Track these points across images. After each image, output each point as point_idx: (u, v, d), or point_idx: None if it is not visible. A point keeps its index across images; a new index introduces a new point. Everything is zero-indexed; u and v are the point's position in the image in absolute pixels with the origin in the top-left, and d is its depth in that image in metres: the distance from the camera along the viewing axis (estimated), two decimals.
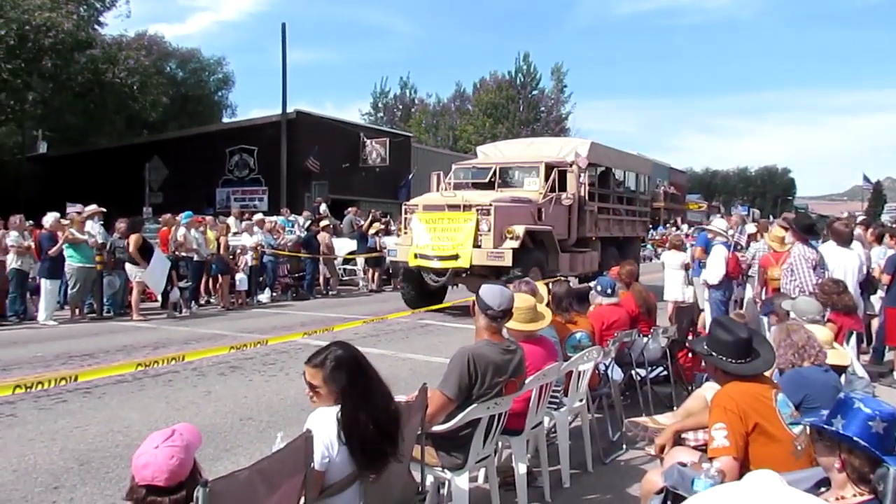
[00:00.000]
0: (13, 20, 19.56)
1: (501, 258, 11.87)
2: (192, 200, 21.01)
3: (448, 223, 12.45)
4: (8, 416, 5.97)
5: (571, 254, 14.22)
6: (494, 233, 12.08)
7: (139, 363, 3.62)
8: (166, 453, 2.12)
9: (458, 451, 3.51)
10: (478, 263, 12.07)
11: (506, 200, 12.80)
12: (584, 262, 14.70)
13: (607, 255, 15.53)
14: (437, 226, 12.53)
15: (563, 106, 50.96)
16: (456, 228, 12.31)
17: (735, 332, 3.28)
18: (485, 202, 12.38)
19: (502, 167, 14.56)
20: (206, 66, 42.00)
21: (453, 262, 12.08)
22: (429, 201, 13.46)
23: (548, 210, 13.39)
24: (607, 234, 15.94)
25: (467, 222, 12.21)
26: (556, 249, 13.37)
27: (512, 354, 3.67)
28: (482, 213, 12.24)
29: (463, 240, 12.12)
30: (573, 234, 14.38)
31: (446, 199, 13.01)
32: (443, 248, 12.27)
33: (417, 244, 12.59)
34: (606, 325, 6.06)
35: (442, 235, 12.41)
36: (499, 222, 12.13)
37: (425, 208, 13.09)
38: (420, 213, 12.94)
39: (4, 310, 11.74)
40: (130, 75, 23.14)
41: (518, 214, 12.68)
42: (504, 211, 12.40)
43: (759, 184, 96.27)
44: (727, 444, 2.98)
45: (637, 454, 5.23)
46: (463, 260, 12.01)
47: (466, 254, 11.99)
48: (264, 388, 7.15)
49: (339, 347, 2.83)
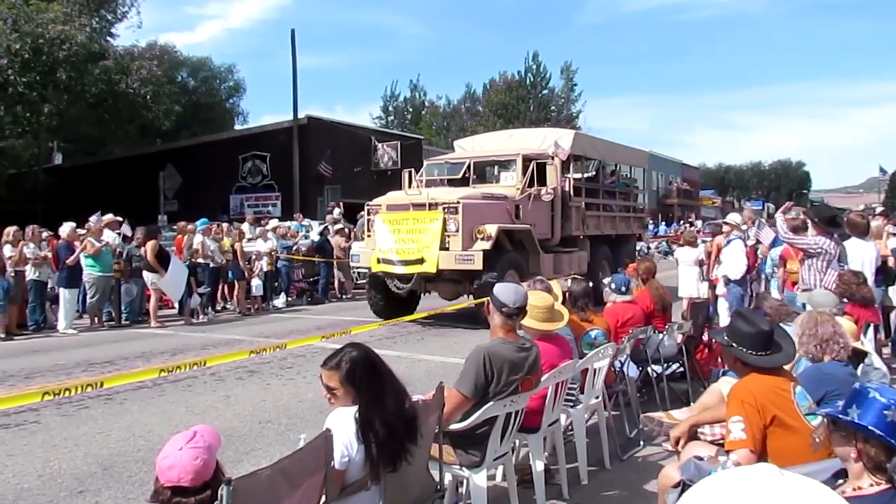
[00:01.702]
0: (28, 34, 19.79)
1: (471, 261, 10.77)
2: (207, 207, 21.18)
3: (413, 224, 11.32)
4: (32, 422, 6.06)
5: (555, 254, 13.05)
6: (463, 233, 10.99)
7: (162, 369, 3.68)
8: (191, 454, 2.16)
9: (476, 449, 3.54)
10: (445, 268, 10.99)
11: (476, 197, 11.75)
12: (571, 264, 13.31)
13: (598, 256, 14.51)
14: (402, 227, 11.41)
15: (574, 104, 50.88)
16: (421, 229, 11.18)
17: (756, 324, 3.27)
18: (452, 199, 11.26)
19: (477, 161, 13.50)
20: (217, 74, 42.29)
21: (418, 266, 10.99)
22: (392, 200, 12.25)
23: (526, 207, 12.27)
24: (598, 233, 14.71)
25: (433, 222, 11.09)
26: (537, 250, 12.26)
27: (527, 352, 3.70)
28: (449, 212, 11.12)
29: (429, 242, 11.01)
30: (557, 233, 13.30)
31: (411, 198, 11.82)
32: (407, 252, 11.14)
33: (380, 248, 11.46)
34: (621, 323, 6.08)
35: (406, 237, 11.28)
36: (468, 221, 11.05)
37: (389, 208, 11.96)
38: (383, 214, 11.81)
39: (25, 319, 11.90)
40: (143, 85, 23.32)
41: (491, 212, 11.61)
42: (474, 209, 11.30)
43: (774, 178, 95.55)
44: (744, 437, 2.98)
45: (654, 450, 5.24)
46: (428, 264, 10.90)
47: (432, 257, 10.87)
48: (282, 392, 7.21)
49: (354, 349, 2.87)
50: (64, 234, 12.21)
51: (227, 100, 43.26)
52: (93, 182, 28.37)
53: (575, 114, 50.31)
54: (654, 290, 7.02)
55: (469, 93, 53.90)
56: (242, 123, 42.67)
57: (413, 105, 54.88)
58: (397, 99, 54.99)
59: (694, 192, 60.88)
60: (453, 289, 11.84)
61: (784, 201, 9.64)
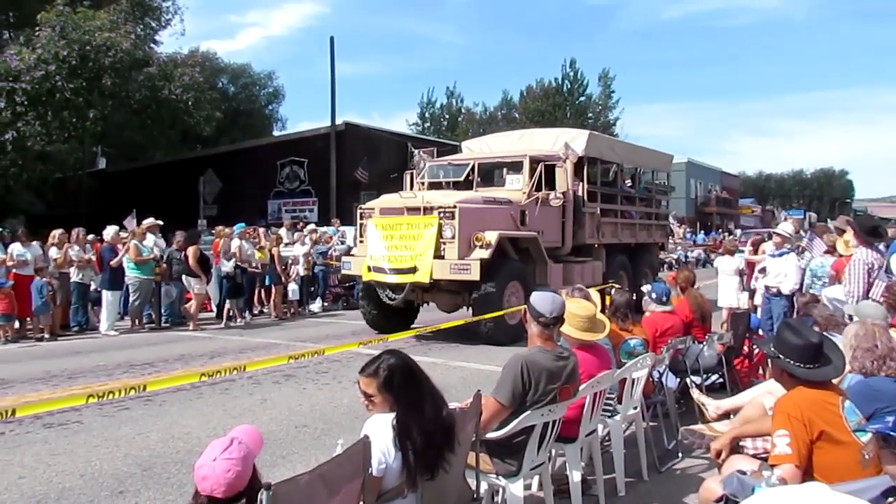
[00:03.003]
0: (75, 41, 20.30)
1: (467, 271, 9.93)
2: (245, 212, 21.46)
3: (407, 229, 10.49)
4: (75, 422, 6.19)
5: (566, 264, 12.08)
6: (460, 240, 10.16)
7: (203, 373, 3.72)
8: (223, 466, 2.16)
9: (513, 458, 3.51)
10: (440, 277, 10.18)
11: (476, 201, 10.88)
12: (584, 274, 12.22)
13: (614, 265, 13.52)
14: (395, 233, 10.56)
15: (611, 112, 50.59)
16: (415, 235, 10.34)
17: (805, 336, 3.19)
18: (448, 203, 10.39)
19: (481, 163, 12.52)
20: (256, 81, 42.92)
21: (411, 276, 10.16)
22: (386, 204, 11.35)
23: (533, 212, 11.37)
24: (615, 241, 13.74)
25: (428, 228, 10.25)
26: (545, 259, 11.37)
27: (565, 361, 3.66)
28: (445, 217, 10.29)
29: (423, 249, 10.17)
30: (568, 241, 12.36)
31: (405, 201, 10.96)
32: (400, 260, 10.33)
33: (372, 255, 10.68)
34: (660, 332, 6.00)
35: (399, 244, 10.45)
36: (465, 227, 10.21)
37: (382, 212, 11.11)
38: (376, 219, 10.98)
39: (68, 321, 12.18)
40: (185, 91, 23.75)
41: (492, 218, 10.75)
42: (472, 213, 10.44)
43: (816, 187, 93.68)
44: (789, 452, 2.90)
45: (693, 463, 5.15)
46: (422, 273, 10.07)
47: (426, 266, 10.04)
48: (318, 397, 7.25)
49: (392, 356, 2.86)
50: (107, 238, 12.49)
51: (266, 106, 43.87)
52: (135, 186, 28.96)
53: (612, 121, 50.03)
54: (693, 300, 6.92)
55: (506, 99, 53.93)
56: (281, 129, 43.28)
57: (449, 112, 55.03)
58: (434, 106, 55.21)
59: (733, 201, 60.01)
60: (451, 300, 11.19)
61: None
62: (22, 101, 20.30)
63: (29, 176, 22.80)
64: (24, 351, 10.46)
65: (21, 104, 20.36)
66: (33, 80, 20.08)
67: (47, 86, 20.43)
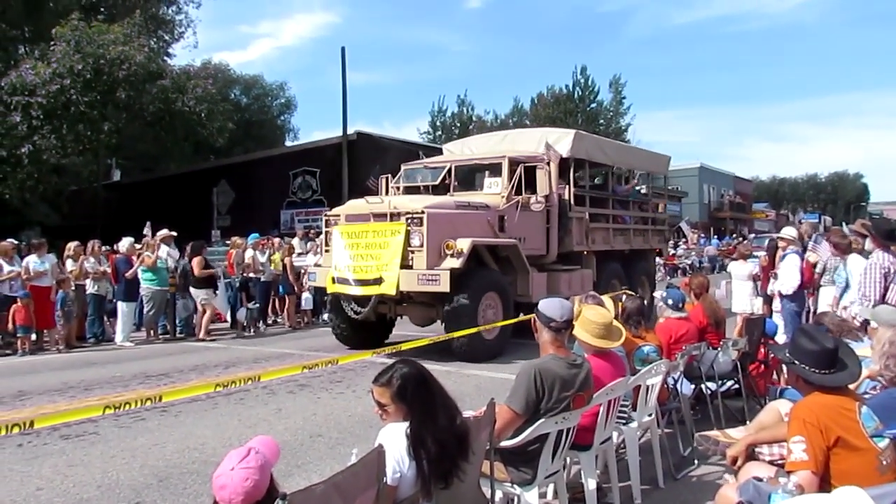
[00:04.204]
0: (89, 55, 20.54)
1: (436, 282, 9.19)
2: (258, 222, 21.57)
3: (373, 237, 9.78)
4: (91, 433, 6.23)
5: (551, 273, 11.40)
6: (429, 248, 9.43)
7: (218, 383, 3.75)
8: (241, 475, 2.18)
9: (527, 466, 3.51)
10: (407, 289, 9.50)
11: (448, 206, 10.15)
12: (572, 283, 11.51)
13: (606, 274, 12.73)
14: (361, 241, 9.87)
15: (623, 118, 50.49)
16: (382, 244, 9.65)
17: (820, 342, 3.17)
18: (416, 208, 9.69)
19: (458, 166, 11.78)
20: (268, 92, 43.21)
21: (375, 287, 9.49)
22: (352, 210, 10.66)
23: (512, 218, 10.66)
24: (607, 248, 12.99)
25: (395, 236, 9.56)
26: (526, 268, 10.67)
27: (578, 368, 3.65)
28: (413, 223, 9.56)
29: (389, 259, 9.50)
30: (553, 248, 11.59)
31: (371, 207, 10.23)
32: (365, 270, 9.65)
33: (336, 265, 10.02)
34: (674, 339, 5.96)
35: (365, 253, 9.77)
36: (434, 234, 9.49)
37: (348, 219, 10.40)
38: (341, 226, 10.27)
39: (84, 332, 12.28)
40: (198, 103, 23.95)
41: (466, 224, 9.99)
42: (442, 219, 9.71)
43: (830, 190, 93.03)
44: (806, 458, 2.88)
45: (709, 469, 5.12)
46: (387, 285, 9.38)
47: (392, 277, 9.36)
48: (332, 406, 7.27)
49: (405, 365, 2.87)
50: (123, 249, 12.60)
51: (278, 116, 44.14)
52: (149, 198, 29.18)
53: (624, 127, 49.93)
54: (708, 306, 6.88)
55: (517, 107, 53.96)
56: (293, 140, 43.54)
57: (460, 120, 55.08)
58: (445, 114, 55.29)
59: (747, 205, 59.74)
60: (424, 313, 10.47)
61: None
62: (38, 114, 20.55)
63: (45, 188, 23.05)
64: (42, 362, 10.55)
65: (37, 118, 20.61)
66: (49, 94, 20.32)
67: (62, 99, 20.66)
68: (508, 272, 10.62)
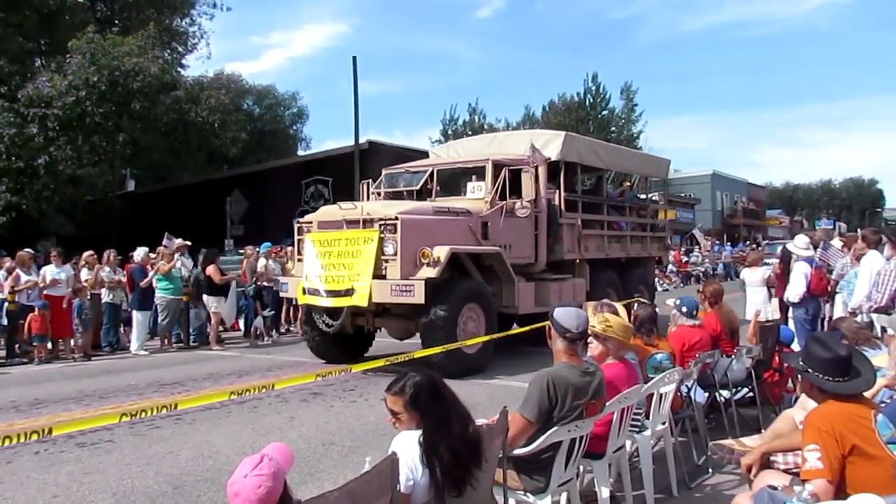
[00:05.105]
0: (105, 67, 20.78)
1: (410, 293, 8.64)
2: (271, 231, 21.67)
3: (346, 245, 9.23)
4: (107, 441, 6.27)
5: (539, 282, 10.77)
6: (403, 257, 8.89)
7: (232, 391, 3.78)
8: (254, 483, 2.19)
9: (540, 474, 3.51)
10: (380, 301, 8.97)
11: (424, 212, 9.61)
12: (563, 293, 10.96)
13: (601, 283, 12.11)
14: (333, 249, 9.32)
15: (635, 125, 50.38)
16: (355, 252, 9.10)
17: (833, 349, 3.16)
18: (390, 214, 9.17)
19: (441, 170, 11.34)
20: (281, 102, 43.49)
21: (346, 299, 8.94)
22: (324, 216, 10.08)
23: (496, 224, 10.08)
24: (601, 256, 12.42)
25: (368, 244, 9.01)
26: (511, 278, 10.07)
27: (591, 377, 3.65)
28: (387, 230, 9.04)
29: (361, 268, 8.94)
30: (542, 257, 10.97)
31: (344, 213, 9.64)
32: (336, 281, 9.10)
33: (307, 274, 9.48)
34: (688, 347, 5.93)
35: (337, 262, 9.22)
36: (409, 242, 8.94)
37: (320, 226, 9.88)
38: (314, 234, 9.77)
39: (99, 341, 12.38)
40: (211, 114, 24.16)
41: (445, 230, 9.43)
42: (417, 226, 9.16)
43: (845, 196, 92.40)
44: (821, 467, 2.87)
45: (724, 478, 5.09)
46: (358, 297, 8.83)
47: (364, 287, 8.80)
48: (345, 414, 7.29)
49: (418, 373, 2.88)
50: (137, 258, 12.71)
51: (290, 126, 44.39)
52: (163, 207, 29.38)
53: (636, 134, 49.82)
54: (723, 314, 6.83)
55: (528, 115, 53.90)
56: (305, 149, 43.78)
57: (472, 128, 54.98)
58: (456, 122, 55.31)
59: (760, 212, 59.43)
60: (402, 326, 9.90)
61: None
62: (54, 126, 20.80)
63: (61, 199, 23.31)
64: (58, 370, 10.64)
65: (53, 129, 20.86)
66: (65, 106, 20.57)
67: (78, 111, 20.90)
68: (493, 282, 10.13)
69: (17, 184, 21.11)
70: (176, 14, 30.04)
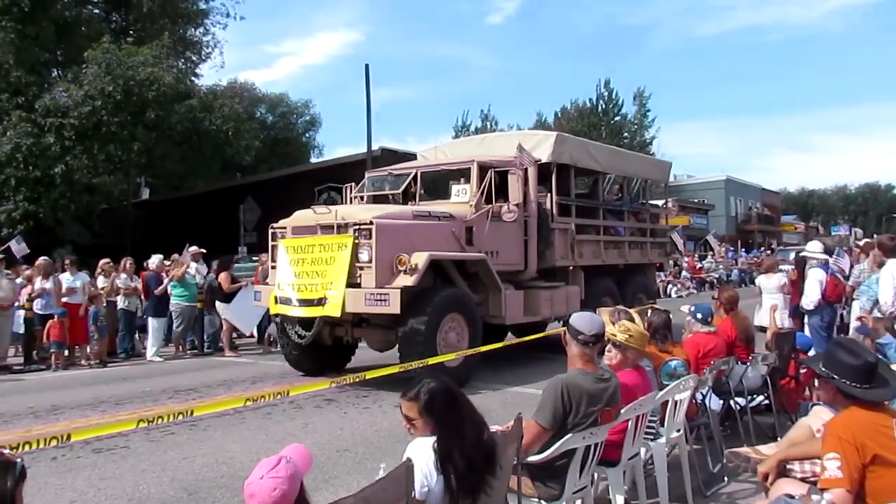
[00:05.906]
0: (120, 76, 21.02)
1: (385, 302, 8.07)
2: None
3: (320, 252, 8.73)
4: (122, 447, 6.31)
5: (529, 291, 10.25)
6: (378, 264, 8.33)
7: (247, 398, 3.80)
8: (269, 485, 2.20)
9: (555, 481, 3.50)
10: (353, 310, 8.44)
11: (402, 216, 9.11)
12: (554, 301, 10.51)
13: (597, 290, 11.57)
14: (307, 256, 8.84)
15: (647, 131, 50.25)
16: (328, 259, 8.60)
17: (862, 356, 3.13)
18: (365, 219, 8.60)
19: (425, 172, 10.68)
20: (293, 110, 43.69)
21: (319, 308, 8.47)
22: (298, 221, 9.60)
23: (482, 229, 9.56)
24: (598, 262, 11.87)
25: (342, 250, 8.48)
26: (497, 286, 9.50)
27: (606, 383, 3.64)
28: (362, 236, 8.49)
29: (335, 276, 8.43)
30: (532, 263, 10.45)
31: (318, 218, 9.16)
32: (309, 289, 8.62)
33: (280, 283, 9.04)
34: (703, 354, 5.90)
35: (310, 269, 8.72)
36: (385, 248, 8.39)
37: (294, 231, 9.44)
38: (288, 240, 9.32)
39: (115, 347, 12.47)
40: (225, 122, 24.35)
41: (424, 236, 8.89)
42: (394, 231, 8.64)
43: (861, 202, 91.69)
44: (840, 476, 2.83)
45: (739, 486, 5.05)
46: (331, 306, 8.32)
47: (337, 296, 8.30)
48: (359, 420, 7.29)
49: (433, 380, 2.89)
50: (153, 266, 12.80)
51: (303, 134, 44.58)
52: (177, 215, 29.58)
53: (648, 140, 49.69)
54: (739, 320, 6.78)
55: (540, 121, 53.88)
56: (318, 156, 43.89)
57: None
58: (468, 129, 55.39)
59: (775, 218, 59.02)
60: (383, 337, 9.33)
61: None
62: (70, 135, 21.04)
63: (77, 208, 23.54)
64: (74, 377, 10.72)
65: (69, 139, 21.10)
66: (81, 116, 20.80)
67: (94, 120, 21.14)
68: (479, 290, 9.63)
69: (34, 193, 21.35)
70: (190, 24, 30.29)
